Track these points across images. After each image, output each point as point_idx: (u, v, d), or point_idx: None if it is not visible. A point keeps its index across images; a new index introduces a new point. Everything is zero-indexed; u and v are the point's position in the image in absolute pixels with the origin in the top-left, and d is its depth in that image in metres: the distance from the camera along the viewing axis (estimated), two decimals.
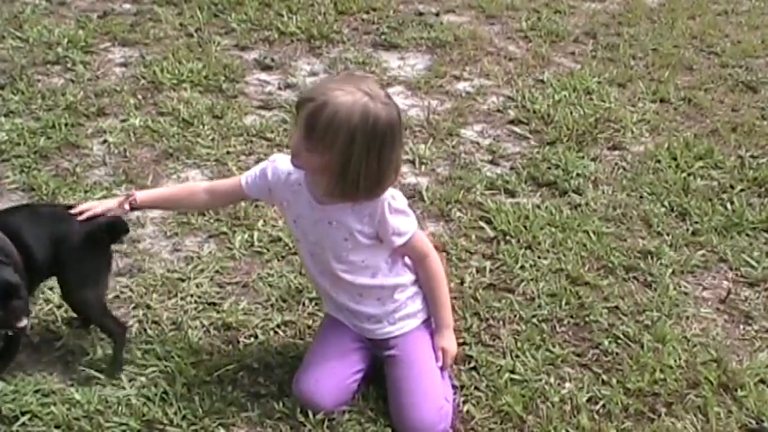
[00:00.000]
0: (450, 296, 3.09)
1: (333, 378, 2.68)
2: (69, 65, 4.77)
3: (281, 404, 2.70)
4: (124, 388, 2.71)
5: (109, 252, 2.82)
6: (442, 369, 2.72)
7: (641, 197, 3.93)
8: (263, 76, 4.88)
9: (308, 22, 5.47)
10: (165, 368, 2.78)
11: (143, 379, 2.75)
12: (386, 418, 2.67)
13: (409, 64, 5.11)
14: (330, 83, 2.44)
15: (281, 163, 2.64)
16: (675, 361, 2.96)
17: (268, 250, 3.40)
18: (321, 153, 2.38)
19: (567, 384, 2.87)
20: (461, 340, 2.99)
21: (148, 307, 3.06)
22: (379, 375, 2.75)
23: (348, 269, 2.62)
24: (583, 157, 4.20)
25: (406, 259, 2.71)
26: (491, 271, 3.36)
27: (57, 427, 2.57)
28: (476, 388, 2.81)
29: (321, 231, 2.59)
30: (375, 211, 2.53)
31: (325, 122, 2.33)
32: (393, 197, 2.55)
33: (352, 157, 2.36)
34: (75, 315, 2.93)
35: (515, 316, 3.14)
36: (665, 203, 3.87)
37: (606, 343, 3.04)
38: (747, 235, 3.71)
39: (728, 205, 3.87)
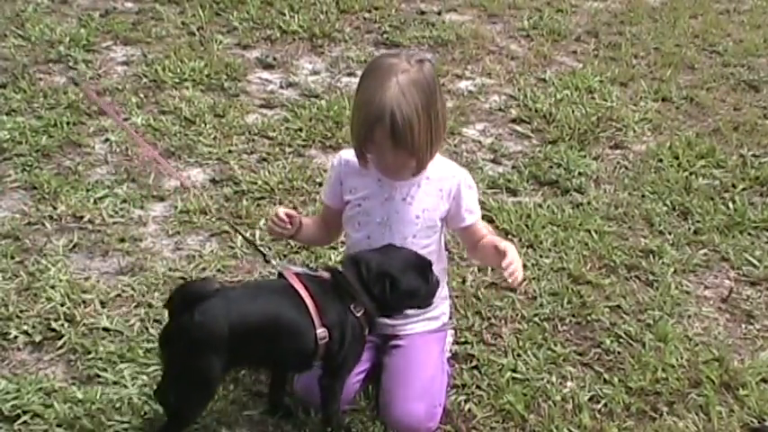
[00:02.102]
0: (453, 294, 3.10)
1: None
2: (71, 63, 4.77)
3: None
4: (126, 387, 2.71)
5: None
6: (513, 279, 2.54)
7: (643, 196, 3.92)
8: (265, 74, 4.88)
9: (310, 21, 5.47)
10: None
11: (145, 378, 2.75)
12: None
13: None
14: (371, 86, 2.46)
15: (345, 153, 2.67)
16: (677, 360, 2.96)
17: (270, 249, 3.40)
18: (413, 146, 2.45)
19: (569, 383, 2.87)
20: (463, 339, 3.00)
21: (150, 306, 3.06)
22: (379, 373, 2.74)
23: None
24: (585, 156, 4.20)
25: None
26: (493, 270, 3.36)
27: (59, 425, 2.57)
28: (477, 387, 2.82)
29: (391, 209, 2.62)
30: (452, 186, 2.62)
31: (402, 125, 2.39)
32: (467, 172, 2.68)
33: (430, 126, 2.45)
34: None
35: (517, 315, 3.14)
36: (667, 202, 3.87)
37: (608, 342, 3.04)
38: (749, 234, 3.71)
39: (730, 204, 3.87)
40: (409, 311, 2.73)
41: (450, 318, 2.90)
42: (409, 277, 2.54)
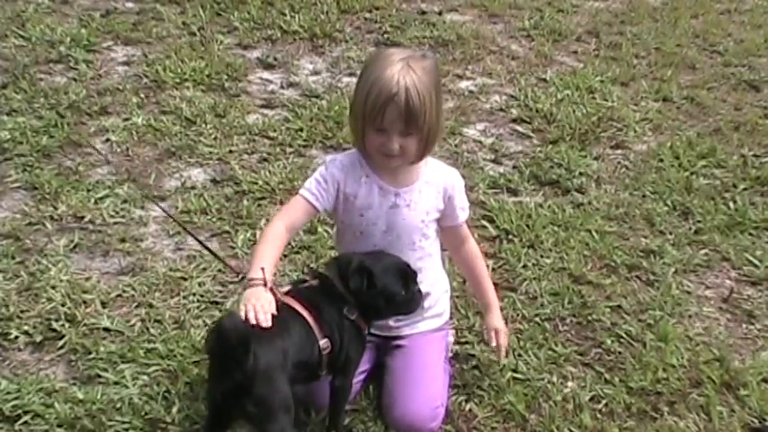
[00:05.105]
0: (453, 295, 3.10)
1: None
2: (72, 63, 4.77)
3: None
4: (127, 387, 2.71)
5: None
6: (498, 349, 2.81)
7: (644, 196, 3.92)
8: (266, 74, 4.88)
9: (311, 21, 5.47)
10: (168, 367, 2.78)
11: (145, 378, 2.75)
12: None
13: None
14: (379, 68, 2.45)
15: (341, 158, 2.64)
16: (678, 360, 2.95)
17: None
18: (420, 128, 2.46)
19: (570, 383, 2.87)
20: (464, 339, 3.00)
21: (151, 306, 3.06)
22: (381, 374, 2.74)
23: (419, 257, 2.64)
24: (585, 156, 4.20)
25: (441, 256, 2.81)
26: (494, 270, 3.36)
27: (59, 425, 2.56)
28: (478, 387, 2.81)
29: (397, 217, 2.61)
30: (447, 186, 2.64)
31: (417, 102, 2.41)
32: (456, 171, 2.73)
33: (438, 111, 2.49)
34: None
35: (518, 315, 3.14)
36: (668, 202, 3.87)
37: (609, 342, 3.04)
38: (750, 234, 3.70)
39: (731, 204, 3.87)
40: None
41: (451, 317, 2.90)
42: (388, 278, 2.51)
